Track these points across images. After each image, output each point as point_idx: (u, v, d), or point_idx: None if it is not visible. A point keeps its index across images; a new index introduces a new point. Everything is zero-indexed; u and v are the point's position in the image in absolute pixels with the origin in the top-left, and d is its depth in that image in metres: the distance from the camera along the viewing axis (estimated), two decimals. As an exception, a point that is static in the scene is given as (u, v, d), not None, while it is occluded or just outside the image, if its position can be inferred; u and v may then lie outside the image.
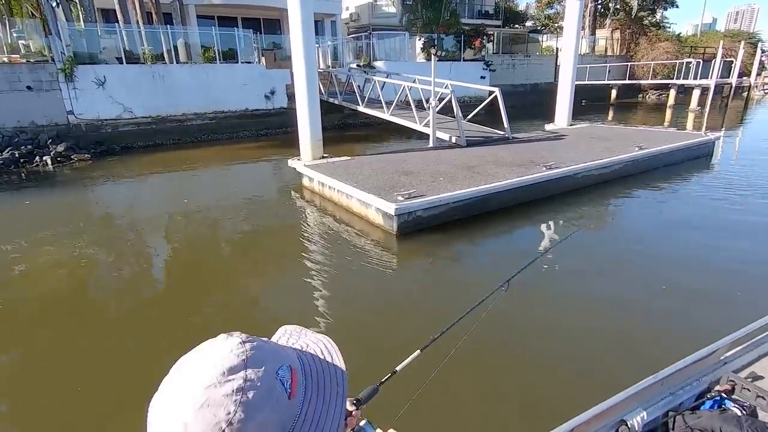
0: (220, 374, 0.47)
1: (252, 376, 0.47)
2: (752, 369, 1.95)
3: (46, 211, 8.18)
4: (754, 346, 2.05)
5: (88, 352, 3.80)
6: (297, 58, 8.08)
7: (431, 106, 9.51)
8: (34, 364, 3.75)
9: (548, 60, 26.02)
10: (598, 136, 10.49)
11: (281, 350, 0.55)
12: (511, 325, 3.80)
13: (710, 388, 1.88)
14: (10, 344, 4.01)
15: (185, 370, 0.49)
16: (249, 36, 16.16)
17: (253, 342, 0.51)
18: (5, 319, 4.40)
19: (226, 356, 0.49)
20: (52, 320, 4.37)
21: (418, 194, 5.87)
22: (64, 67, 12.23)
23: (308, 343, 0.63)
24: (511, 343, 3.67)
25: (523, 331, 3.83)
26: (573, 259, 5.10)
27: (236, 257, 5.95)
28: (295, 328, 0.67)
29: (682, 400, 1.82)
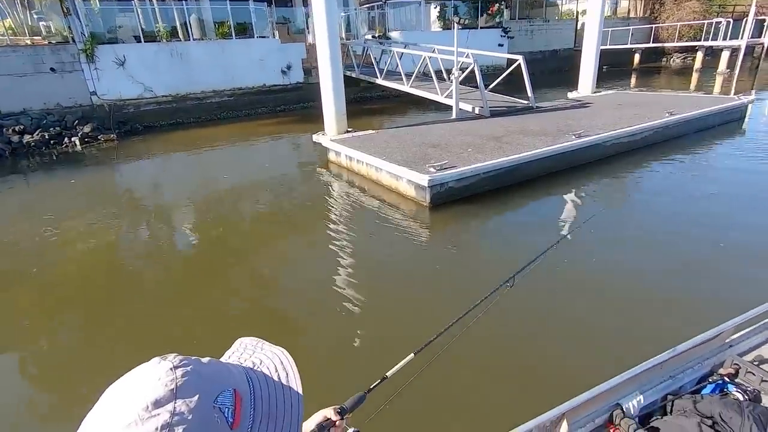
0: (143, 409, 0.41)
1: (182, 409, 0.42)
2: (759, 352, 1.87)
3: (83, 191, 8.47)
4: (761, 329, 1.96)
5: (122, 331, 3.96)
6: (320, 31, 8.01)
7: (454, 77, 9.38)
8: (66, 338, 4.00)
9: (568, 25, 25.08)
10: (625, 103, 10.25)
11: (224, 372, 0.50)
12: (518, 317, 3.63)
13: (713, 371, 1.80)
14: (43, 320, 4.25)
15: (109, 404, 0.44)
16: (263, 9, 15.91)
17: (187, 366, 0.46)
18: (41, 296, 4.68)
19: (152, 387, 0.43)
20: (89, 297, 4.62)
21: (449, 165, 5.91)
22: (85, 48, 12.31)
23: (262, 359, 0.57)
24: (512, 338, 3.51)
25: (528, 321, 3.71)
26: (599, 236, 5.14)
27: (269, 231, 6.12)
28: (251, 341, 0.62)
29: (682, 384, 1.76)
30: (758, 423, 1.40)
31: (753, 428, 1.39)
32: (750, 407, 1.47)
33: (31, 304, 4.51)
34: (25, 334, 4.02)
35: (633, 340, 3.30)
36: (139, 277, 4.97)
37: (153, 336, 3.82)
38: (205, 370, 0.47)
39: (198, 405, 0.43)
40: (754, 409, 1.46)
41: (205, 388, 0.45)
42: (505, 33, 20.37)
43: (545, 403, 1.61)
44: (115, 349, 3.67)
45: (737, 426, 1.41)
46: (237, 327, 3.89)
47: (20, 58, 11.75)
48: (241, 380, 0.50)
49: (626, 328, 3.49)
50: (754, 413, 1.44)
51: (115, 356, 3.54)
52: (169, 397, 0.43)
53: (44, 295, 4.65)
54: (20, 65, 11.77)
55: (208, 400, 0.45)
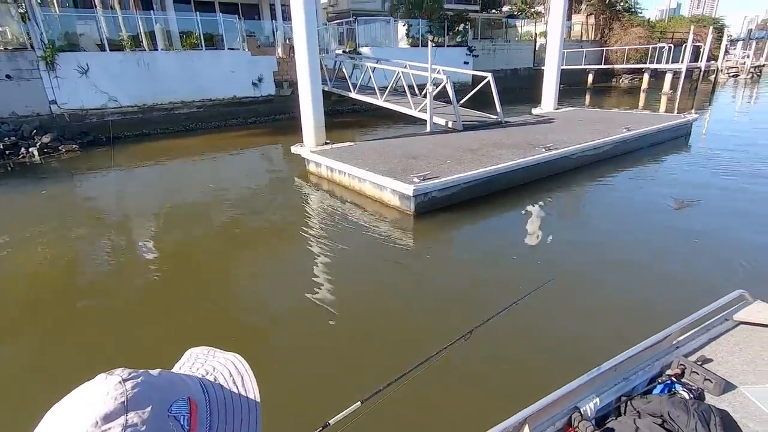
0: (92, 425, 0.40)
1: (134, 420, 0.41)
2: (702, 353, 1.98)
3: (37, 205, 8.03)
4: (704, 330, 2.09)
5: (76, 350, 3.70)
6: (300, 45, 8.13)
7: (429, 92, 9.74)
8: (23, 362, 3.65)
9: (527, 45, 26.51)
10: (585, 119, 10.99)
11: (176, 381, 0.49)
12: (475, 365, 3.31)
13: (662, 372, 1.90)
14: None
15: (54, 424, 0.42)
16: (232, 21, 15.85)
17: (137, 378, 0.45)
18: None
19: (101, 402, 0.42)
20: (45, 315, 4.28)
21: (432, 176, 6.15)
22: (45, 55, 11.79)
23: (215, 366, 0.57)
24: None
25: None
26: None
27: (247, 244, 6.00)
28: (202, 349, 0.61)
29: (634, 385, 1.83)
30: (702, 420, 1.49)
31: (698, 425, 1.48)
32: (695, 405, 1.56)
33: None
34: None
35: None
36: (97, 295, 4.65)
37: (111, 355, 3.60)
38: (157, 381, 0.46)
39: (151, 415, 0.42)
40: (698, 407, 1.54)
41: (158, 398, 0.44)
42: (470, 51, 21.27)
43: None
44: (67, 370, 3.42)
45: (684, 423, 1.51)
46: (199, 342, 3.73)
47: (-29, 64, 11.10)
48: (195, 388, 0.50)
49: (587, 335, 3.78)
50: (698, 411, 1.52)
51: (67, 377, 3.26)
52: (120, 410, 0.41)
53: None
54: (-29, 72, 11.10)
55: (161, 409, 0.44)
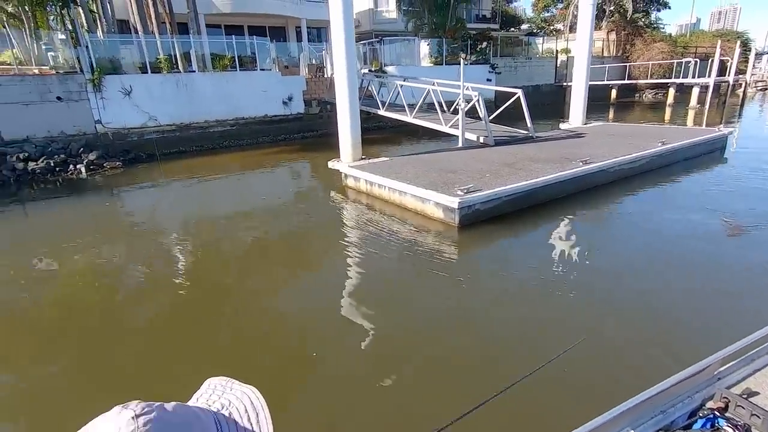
0: None
1: None
2: (747, 385, 1.84)
3: (87, 218, 8.48)
4: (749, 361, 1.94)
5: (109, 368, 3.73)
6: (339, 64, 8.47)
7: (461, 108, 9.95)
8: (55, 374, 3.73)
9: (548, 62, 26.71)
10: (616, 134, 11.01)
11: (191, 417, 0.49)
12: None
13: (703, 405, 1.78)
14: (32, 352, 4.05)
15: None
16: (265, 44, 16.52)
17: (150, 414, 0.44)
18: (33, 322, 4.54)
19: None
20: (82, 328, 4.42)
21: (475, 189, 6.28)
22: (93, 78, 12.49)
23: (231, 400, 0.57)
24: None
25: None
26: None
27: (288, 260, 6.13)
28: (220, 380, 0.61)
29: (673, 419, 1.72)
30: None
31: None
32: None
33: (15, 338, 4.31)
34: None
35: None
36: (135, 310, 4.79)
37: (144, 374, 3.65)
38: (170, 417, 0.46)
39: None
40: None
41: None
42: (492, 69, 21.56)
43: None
44: (96, 388, 3.49)
45: None
46: (234, 363, 3.69)
47: (26, 87, 11.82)
48: (208, 425, 0.49)
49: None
50: None
51: (95, 395, 3.39)
52: None
53: (29, 330, 4.43)
54: (26, 94, 11.82)
55: None
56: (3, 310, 4.85)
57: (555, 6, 34.45)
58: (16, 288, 5.33)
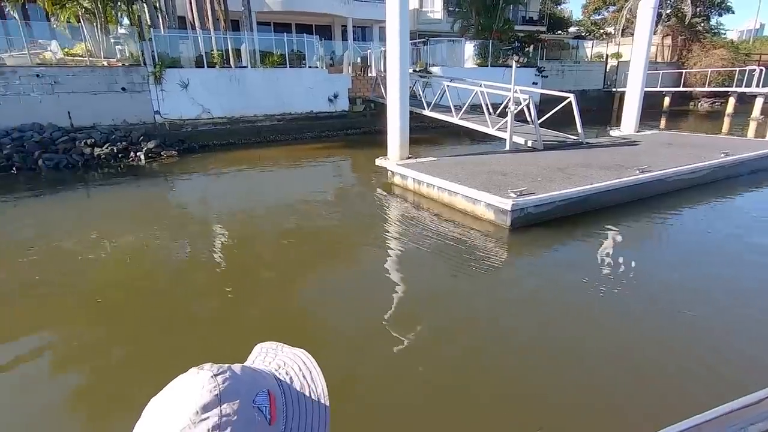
0: (193, 414, 0.46)
1: (227, 411, 0.47)
2: None
3: (148, 201, 9.02)
4: None
5: (163, 343, 3.98)
6: (392, 64, 8.59)
7: (510, 111, 9.84)
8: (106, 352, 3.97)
9: (597, 67, 25.88)
10: (674, 143, 10.58)
11: (257, 375, 0.55)
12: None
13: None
14: (90, 326, 4.35)
15: (157, 413, 0.48)
16: (314, 42, 16.89)
17: (225, 373, 0.51)
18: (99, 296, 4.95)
19: (198, 393, 0.48)
20: (142, 306, 4.69)
21: (528, 192, 6.23)
22: (155, 71, 13.19)
23: (285, 361, 0.62)
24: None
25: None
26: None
27: (338, 250, 6.32)
28: (270, 344, 0.66)
29: None
30: None
31: None
32: None
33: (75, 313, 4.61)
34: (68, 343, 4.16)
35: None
36: (185, 291, 5.07)
37: (194, 350, 3.87)
38: (241, 376, 0.52)
39: (240, 406, 0.48)
40: None
41: (244, 391, 0.50)
42: (539, 72, 21.13)
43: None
44: (161, 361, 3.73)
45: None
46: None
47: (96, 78, 12.65)
48: (271, 382, 0.55)
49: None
50: None
51: (162, 367, 3.60)
52: (215, 402, 0.47)
53: (88, 306, 4.70)
54: (95, 84, 12.65)
55: (248, 401, 0.49)
56: (73, 285, 5.26)
57: (606, 9, 33.29)
58: (79, 263, 5.77)
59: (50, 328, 4.33)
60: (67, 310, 4.63)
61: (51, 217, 8.05)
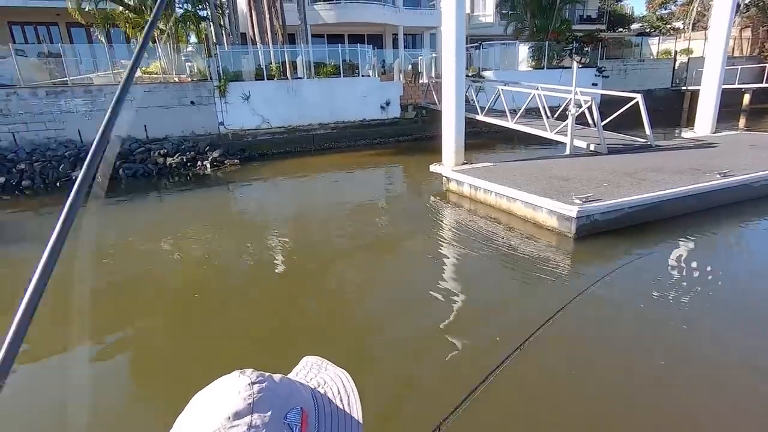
0: (225, 419, 0.47)
1: (257, 422, 0.47)
2: None
3: (213, 206, 9.60)
4: None
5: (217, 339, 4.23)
6: (448, 70, 8.56)
7: (571, 113, 9.45)
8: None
9: (665, 64, 24.22)
10: (758, 144, 9.65)
11: (294, 390, 0.54)
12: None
13: None
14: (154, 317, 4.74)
15: (196, 411, 0.50)
16: (367, 51, 17.23)
17: (263, 383, 0.51)
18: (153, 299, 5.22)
19: (233, 399, 0.49)
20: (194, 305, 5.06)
21: (594, 198, 5.93)
22: (220, 84, 14.05)
23: (326, 380, 0.62)
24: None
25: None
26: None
27: (394, 258, 6.36)
28: (316, 360, 0.66)
29: None
30: None
31: None
32: None
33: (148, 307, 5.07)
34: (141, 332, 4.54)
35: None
36: (241, 290, 5.37)
37: (241, 347, 4.12)
38: (278, 388, 0.52)
39: (270, 420, 0.48)
40: None
41: (278, 405, 0.50)
42: (599, 72, 20.15)
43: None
44: (213, 354, 4.01)
45: None
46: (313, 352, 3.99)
47: (168, 93, 13.69)
48: (307, 399, 0.55)
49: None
50: None
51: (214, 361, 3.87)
52: (247, 410, 0.47)
53: (158, 300, 5.19)
54: (167, 99, 13.69)
55: (279, 415, 0.49)
56: (141, 282, 5.69)
57: (674, 3, 31.14)
58: (154, 262, 6.23)
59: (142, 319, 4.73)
60: (156, 305, 5.04)
61: (132, 221, 8.80)
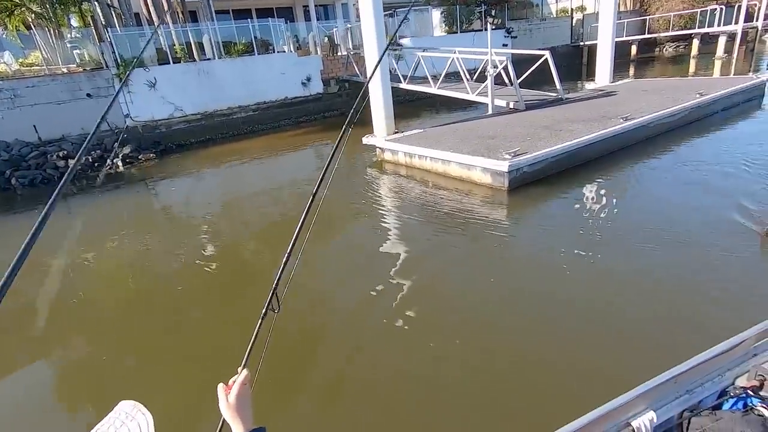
0: None
1: None
2: None
3: (132, 208, 8.86)
4: None
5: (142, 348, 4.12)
6: (369, 39, 8.48)
7: (489, 74, 9.86)
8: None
9: (564, 22, 25.91)
10: (649, 89, 10.81)
11: None
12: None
13: (734, 383, 1.63)
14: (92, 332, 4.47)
15: None
16: (280, 25, 16.41)
17: None
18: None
19: None
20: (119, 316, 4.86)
21: (521, 152, 6.33)
22: (119, 72, 12.66)
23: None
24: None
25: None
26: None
27: (335, 232, 6.33)
28: (126, 406, 0.68)
29: (700, 399, 1.57)
30: None
31: None
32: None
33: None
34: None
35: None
36: (168, 288, 5.17)
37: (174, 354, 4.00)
38: None
39: None
40: None
41: None
42: (508, 33, 21.08)
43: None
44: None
45: None
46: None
47: (58, 87, 12.08)
48: None
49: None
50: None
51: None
52: None
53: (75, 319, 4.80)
54: (58, 93, 12.09)
55: None
56: (63, 299, 5.19)
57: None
58: (68, 277, 5.67)
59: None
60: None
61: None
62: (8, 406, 3.61)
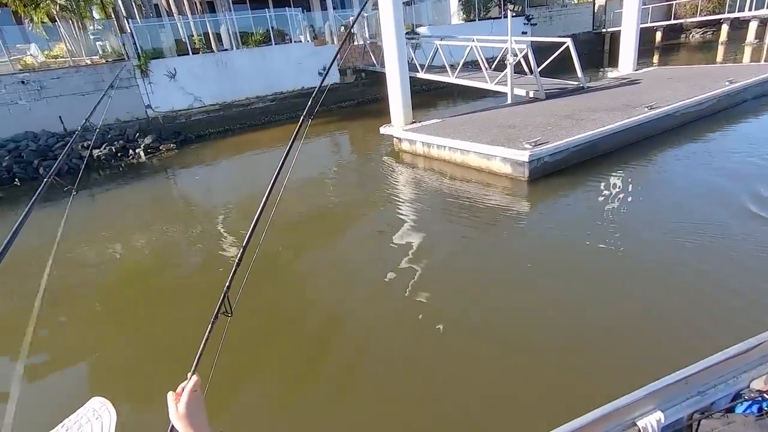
0: None
1: None
2: None
3: (154, 198, 9.08)
4: None
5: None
6: (387, 29, 8.40)
7: (509, 63, 9.69)
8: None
9: (585, 9, 25.22)
10: (675, 77, 10.48)
11: None
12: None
13: (750, 386, 1.57)
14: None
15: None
16: (297, 15, 16.39)
17: None
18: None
19: None
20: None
21: (543, 142, 6.24)
22: (140, 63, 12.85)
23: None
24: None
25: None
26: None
27: (355, 222, 6.39)
28: (96, 402, 0.69)
29: (712, 401, 1.52)
30: None
31: None
32: None
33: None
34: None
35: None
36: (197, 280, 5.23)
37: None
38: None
39: None
40: None
41: None
42: (528, 20, 20.63)
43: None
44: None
45: None
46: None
47: (82, 78, 12.34)
48: None
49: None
50: None
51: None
52: None
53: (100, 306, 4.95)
54: (82, 85, 12.35)
55: None
56: (84, 286, 5.35)
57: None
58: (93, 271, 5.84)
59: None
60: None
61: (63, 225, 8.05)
62: None
